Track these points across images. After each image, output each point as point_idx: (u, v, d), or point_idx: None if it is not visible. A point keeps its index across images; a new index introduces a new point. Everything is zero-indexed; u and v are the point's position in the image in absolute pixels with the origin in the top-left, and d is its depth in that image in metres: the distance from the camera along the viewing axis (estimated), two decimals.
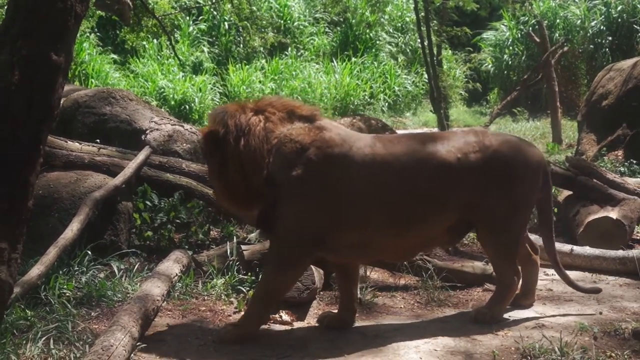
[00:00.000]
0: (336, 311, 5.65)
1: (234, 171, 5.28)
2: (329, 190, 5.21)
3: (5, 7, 4.36)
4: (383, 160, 5.28)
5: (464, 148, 5.47)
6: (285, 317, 5.65)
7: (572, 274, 6.82)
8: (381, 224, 5.28)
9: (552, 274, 6.83)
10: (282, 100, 5.62)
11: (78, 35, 4.37)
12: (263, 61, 22.16)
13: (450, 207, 5.42)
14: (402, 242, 5.44)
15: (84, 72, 19.80)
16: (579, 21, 21.97)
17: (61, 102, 4.29)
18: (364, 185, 5.25)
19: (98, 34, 21.82)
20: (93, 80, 19.60)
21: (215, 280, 6.33)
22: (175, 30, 21.42)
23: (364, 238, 5.30)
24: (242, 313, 5.67)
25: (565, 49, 17.27)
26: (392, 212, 5.29)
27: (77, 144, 7.83)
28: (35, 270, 5.57)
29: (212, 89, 20.48)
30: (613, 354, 4.79)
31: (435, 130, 15.83)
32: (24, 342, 4.84)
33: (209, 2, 21.14)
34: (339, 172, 5.23)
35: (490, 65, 23.73)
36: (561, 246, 7.14)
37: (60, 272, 6.00)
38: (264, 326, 5.43)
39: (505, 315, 5.62)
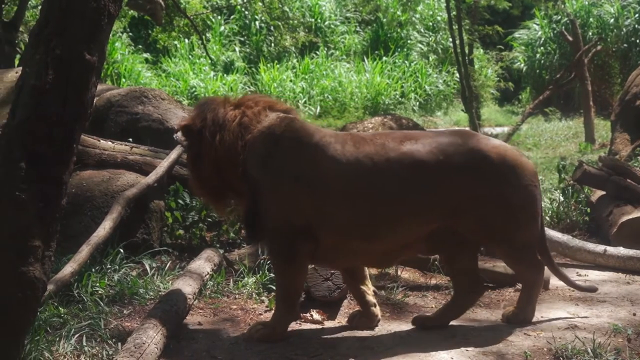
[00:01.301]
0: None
1: (208, 165, 5.33)
2: (302, 181, 5.14)
3: (40, 7, 4.39)
4: (352, 157, 5.13)
5: (447, 149, 5.20)
6: (316, 316, 5.65)
7: (606, 275, 6.78)
8: (349, 225, 5.15)
9: (585, 275, 6.79)
10: (264, 97, 5.63)
11: (110, 34, 4.40)
12: (294, 60, 22.20)
13: (427, 212, 5.17)
14: (373, 246, 5.24)
15: (116, 71, 19.96)
16: (612, 19, 21.75)
17: (94, 101, 4.31)
18: (331, 181, 5.13)
19: (130, 33, 22.00)
20: (125, 80, 19.75)
21: (246, 278, 6.35)
22: (207, 29, 21.54)
23: (336, 239, 5.19)
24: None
25: (599, 47, 17.13)
26: (360, 212, 5.12)
27: (109, 142, 7.88)
28: (68, 268, 5.61)
29: (243, 88, 20.56)
30: None
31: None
32: (57, 339, 4.88)
33: (240, 2, 21.21)
34: (309, 162, 5.17)
35: (522, 65, 23.58)
36: (594, 247, 7.09)
37: (93, 270, 6.05)
38: (295, 325, 5.45)
39: (537, 316, 5.58)
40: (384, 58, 22.49)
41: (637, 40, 20.94)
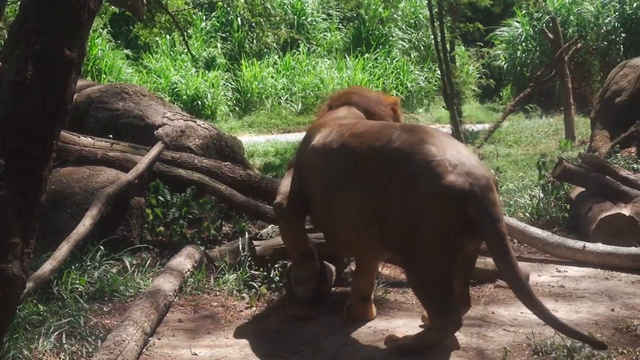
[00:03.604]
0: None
1: None
2: (300, 164, 5.56)
3: (19, 2, 4.37)
4: (318, 145, 5.30)
5: (375, 144, 4.83)
6: (299, 312, 5.65)
7: (585, 271, 6.81)
8: (317, 211, 5.31)
9: (564, 271, 6.82)
10: (350, 89, 6.30)
11: (91, 31, 4.39)
12: (275, 57, 22.19)
13: (358, 210, 4.84)
14: (336, 235, 5.19)
15: (96, 67, 19.90)
16: (592, 18, 21.87)
17: (74, 97, 4.30)
18: (307, 166, 5.43)
19: (111, 29, 21.90)
20: (106, 76, 19.69)
21: (227, 275, 6.35)
22: (189, 26, 21.48)
23: (318, 224, 5.48)
24: (254, 309, 5.79)
25: (579, 45, 17.19)
26: (316, 199, 5.27)
27: (89, 139, 7.86)
28: (48, 265, 5.59)
29: (224, 84, 20.56)
30: (625, 351, 4.77)
31: (447, 127, 15.81)
32: (37, 336, 4.87)
33: None
34: (306, 148, 5.51)
35: (503, 62, 23.66)
36: (574, 243, 7.12)
37: (73, 267, 6.03)
38: (278, 322, 5.50)
39: (518, 312, 5.60)
40: (366, 55, 22.51)
41: (617, 39, 21.06)
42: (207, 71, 20.64)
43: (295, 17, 23.68)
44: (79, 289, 5.84)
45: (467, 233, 4.58)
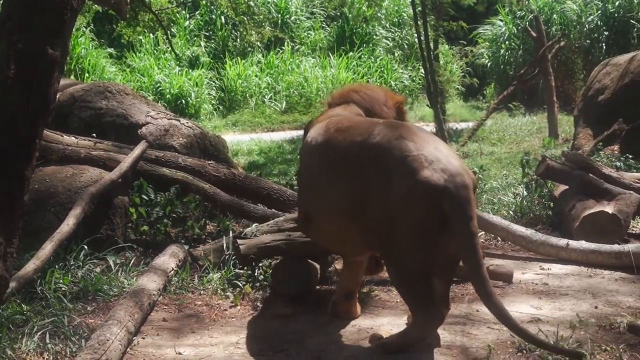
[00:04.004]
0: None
1: None
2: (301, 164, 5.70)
3: (2, 1, 4.35)
4: (308, 141, 5.37)
5: (355, 139, 4.87)
6: (283, 310, 5.65)
7: (568, 268, 6.84)
8: (309, 208, 5.32)
9: (548, 268, 6.85)
10: (353, 87, 6.25)
11: (74, 30, 4.38)
12: (259, 55, 22.17)
13: (339, 205, 4.88)
14: (321, 231, 5.25)
15: (80, 66, 19.84)
16: (575, 16, 21.96)
17: (57, 96, 4.28)
18: (302, 161, 5.58)
19: (94, 28, 21.82)
20: (89, 75, 19.63)
21: (211, 274, 6.34)
22: (172, 24, 21.43)
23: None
24: (238, 307, 5.76)
25: (562, 43, 17.25)
26: (304, 194, 5.42)
27: (73, 138, 7.84)
28: (31, 265, 5.57)
29: (208, 83, 20.53)
30: (608, 348, 4.79)
31: (431, 125, 15.83)
32: (20, 336, 4.85)
33: None
34: (301, 148, 5.70)
35: (486, 60, 23.70)
36: (557, 241, 7.14)
37: (56, 266, 6.01)
38: (261, 320, 5.48)
39: None
40: (350, 53, 22.52)
41: (600, 37, 21.14)
42: (190, 70, 20.61)
43: (279, 15, 23.66)
44: (63, 289, 5.82)
45: (445, 230, 4.58)
